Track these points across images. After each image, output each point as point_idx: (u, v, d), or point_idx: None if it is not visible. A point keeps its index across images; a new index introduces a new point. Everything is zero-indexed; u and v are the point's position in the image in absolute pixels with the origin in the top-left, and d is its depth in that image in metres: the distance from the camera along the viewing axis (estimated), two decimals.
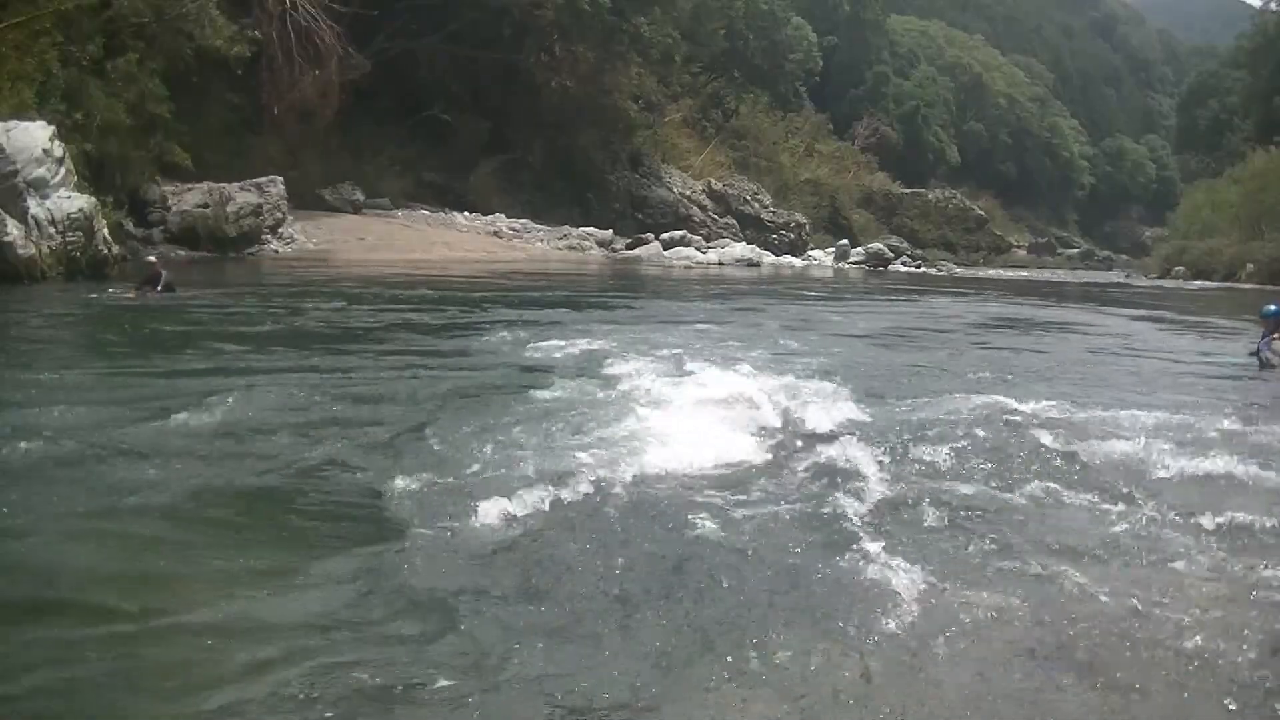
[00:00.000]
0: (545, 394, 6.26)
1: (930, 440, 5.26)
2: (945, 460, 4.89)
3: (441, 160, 34.26)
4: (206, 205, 20.92)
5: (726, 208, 43.58)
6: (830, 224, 51.67)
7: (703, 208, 42.51)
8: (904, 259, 41.15)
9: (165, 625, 3.01)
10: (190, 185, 21.14)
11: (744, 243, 38.36)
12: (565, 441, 5.04)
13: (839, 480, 4.54)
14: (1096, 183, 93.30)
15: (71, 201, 13.97)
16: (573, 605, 3.23)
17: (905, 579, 3.44)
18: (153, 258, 13.32)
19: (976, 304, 19.85)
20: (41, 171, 13.61)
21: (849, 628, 3.12)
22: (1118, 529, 4.10)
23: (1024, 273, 45.59)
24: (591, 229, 34.49)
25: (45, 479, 4.22)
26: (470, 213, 32.67)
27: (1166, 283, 37.65)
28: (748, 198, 44.44)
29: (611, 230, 35.72)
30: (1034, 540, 3.93)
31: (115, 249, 15.35)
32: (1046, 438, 5.31)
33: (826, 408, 6.03)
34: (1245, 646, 3.03)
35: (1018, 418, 5.83)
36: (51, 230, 13.53)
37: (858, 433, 5.41)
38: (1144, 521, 4.20)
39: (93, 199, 14.74)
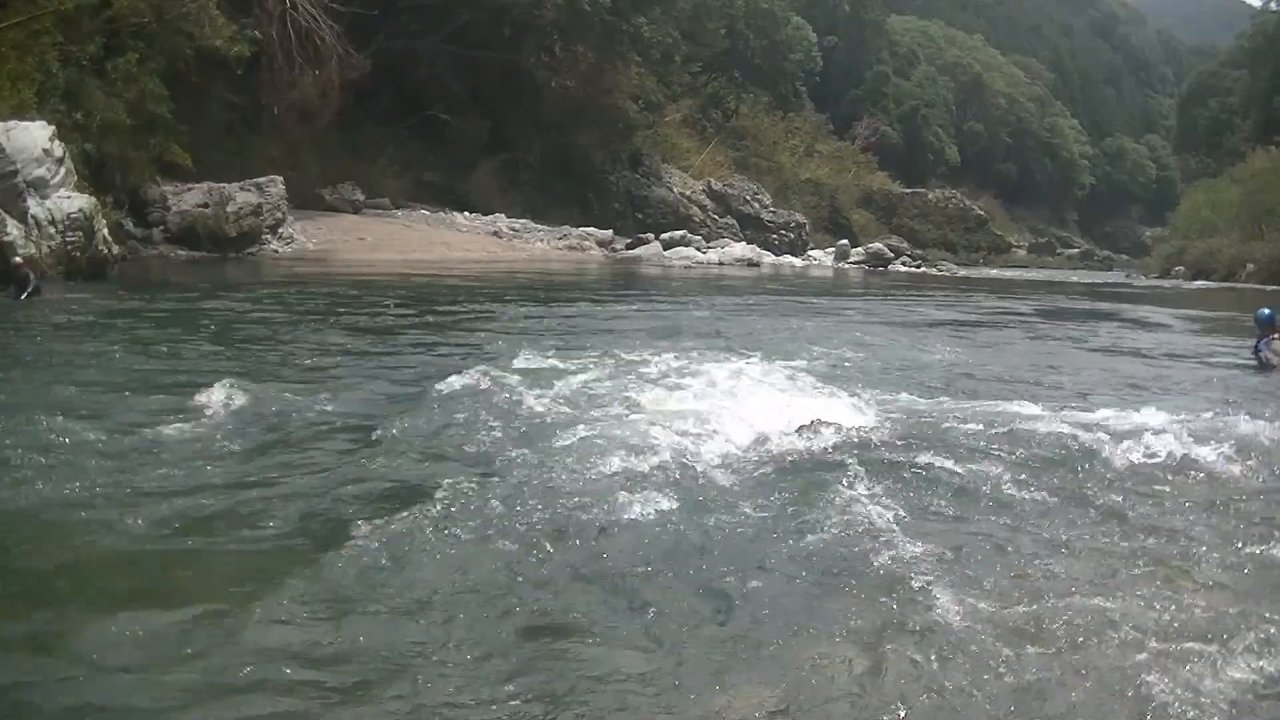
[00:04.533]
0: (553, 390, 6.26)
1: (942, 438, 5.30)
2: (956, 460, 4.90)
3: (441, 160, 34.25)
4: (206, 205, 20.91)
5: (726, 208, 43.57)
6: (830, 224, 51.68)
7: (703, 208, 42.51)
8: (904, 259, 41.11)
9: (167, 625, 3.01)
10: (190, 185, 21.12)
11: (744, 243, 38.34)
12: (576, 436, 5.06)
13: (856, 477, 4.54)
14: (1096, 183, 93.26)
15: (71, 201, 13.96)
16: (579, 603, 3.24)
17: (924, 577, 3.46)
18: (19, 258, 11.75)
19: (975, 303, 19.86)
20: (41, 171, 13.60)
21: (866, 626, 3.13)
22: (1121, 528, 4.13)
23: (1024, 273, 45.59)
24: (591, 229, 34.47)
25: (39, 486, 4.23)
26: (470, 213, 32.65)
27: (1166, 283, 37.64)
28: (748, 198, 44.42)
29: (611, 230, 35.71)
30: (1043, 541, 3.96)
31: (115, 249, 15.35)
32: (1052, 437, 5.34)
33: (836, 402, 6.04)
34: (1250, 644, 3.03)
35: (1024, 418, 5.85)
36: (51, 230, 13.52)
37: (863, 430, 5.42)
38: (1146, 522, 4.22)
39: (93, 199, 14.73)
